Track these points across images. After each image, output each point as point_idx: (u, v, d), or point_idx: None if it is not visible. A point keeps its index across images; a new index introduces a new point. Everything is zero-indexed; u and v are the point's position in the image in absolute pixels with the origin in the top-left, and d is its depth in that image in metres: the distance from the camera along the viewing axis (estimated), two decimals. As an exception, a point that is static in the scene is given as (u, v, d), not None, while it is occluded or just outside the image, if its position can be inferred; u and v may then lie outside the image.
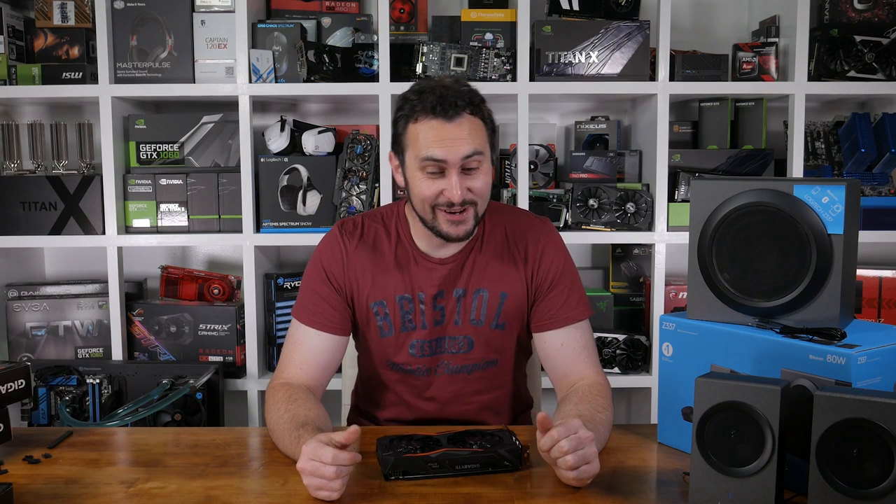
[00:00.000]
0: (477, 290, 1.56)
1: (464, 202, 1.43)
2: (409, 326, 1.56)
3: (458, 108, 1.41)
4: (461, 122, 1.42)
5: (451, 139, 1.41)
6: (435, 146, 1.41)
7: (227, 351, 2.48)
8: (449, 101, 1.41)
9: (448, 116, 1.41)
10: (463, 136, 1.41)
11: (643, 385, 2.46)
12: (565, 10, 2.42)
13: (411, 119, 1.44)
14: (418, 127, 1.43)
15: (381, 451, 1.31)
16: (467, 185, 1.43)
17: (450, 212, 1.44)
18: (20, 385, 1.42)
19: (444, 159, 1.41)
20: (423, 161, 1.42)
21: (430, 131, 1.41)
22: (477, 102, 1.45)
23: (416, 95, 1.44)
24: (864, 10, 2.44)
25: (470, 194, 1.44)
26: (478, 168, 1.44)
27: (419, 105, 1.42)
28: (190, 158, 2.49)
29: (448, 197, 1.42)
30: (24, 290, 2.54)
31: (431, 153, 1.41)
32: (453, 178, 1.42)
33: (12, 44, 2.46)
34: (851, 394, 1.02)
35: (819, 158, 2.54)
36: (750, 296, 1.32)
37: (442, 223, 1.46)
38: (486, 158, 1.46)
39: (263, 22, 2.44)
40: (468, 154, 1.41)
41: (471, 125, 1.43)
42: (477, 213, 1.47)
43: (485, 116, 1.47)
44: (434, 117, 1.41)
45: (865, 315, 2.49)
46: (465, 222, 1.46)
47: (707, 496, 1.14)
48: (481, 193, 1.46)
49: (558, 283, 1.56)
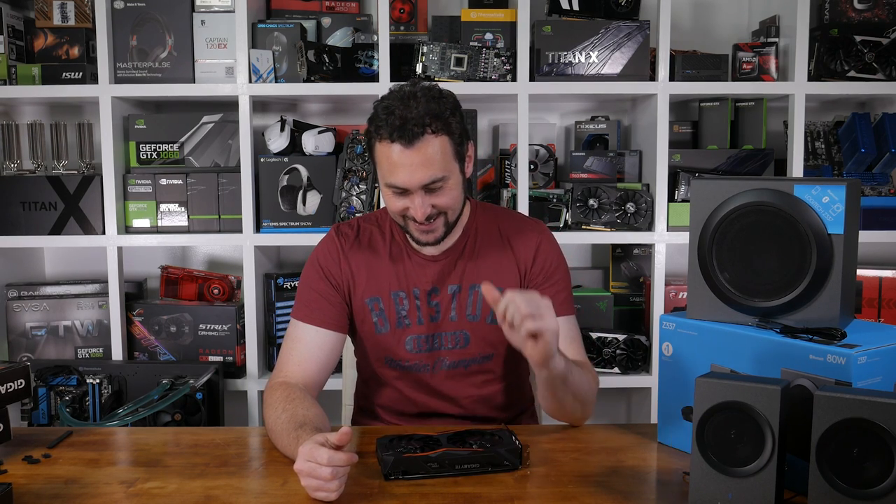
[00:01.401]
0: (472, 286, 1.58)
1: (429, 217, 1.46)
2: (404, 323, 1.58)
3: (417, 134, 1.40)
4: (421, 147, 1.41)
5: (410, 166, 1.42)
6: (396, 173, 1.43)
7: (227, 351, 2.48)
8: (408, 127, 1.40)
9: (407, 141, 1.40)
10: (423, 161, 1.42)
11: (643, 385, 2.46)
12: (565, 10, 2.42)
13: (375, 138, 1.45)
14: (380, 149, 1.45)
15: (381, 450, 1.31)
16: (431, 202, 1.45)
17: (418, 224, 1.48)
18: (20, 385, 1.42)
19: (403, 187, 1.44)
20: (385, 185, 1.47)
21: (390, 156, 1.43)
22: (445, 117, 1.43)
23: (382, 113, 1.43)
24: (864, 10, 2.44)
25: (434, 209, 1.46)
26: (441, 188, 1.45)
27: (383, 127, 1.42)
28: (190, 158, 2.49)
29: (412, 214, 1.46)
30: (24, 290, 2.54)
31: (392, 180, 1.44)
32: (416, 200, 1.45)
33: (12, 44, 2.46)
34: (851, 394, 1.02)
35: (819, 158, 2.54)
36: (750, 296, 1.32)
37: (413, 231, 1.51)
38: (452, 175, 1.46)
39: (263, 22, 2.44)
40: (426, 182, 1.43)
41: (432, 148, 1.42)
42: (448, 220, 1.50)
43: (452, 130, 1.45)
44: (392, 142, 1.41)
45: (865, 315, 2.48)
46: (435, 231, 1.50)
47: (707, 496, 1.13)
48: (447, 205, 1.48)
49: (551, 277, 1.60)
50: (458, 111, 1.48)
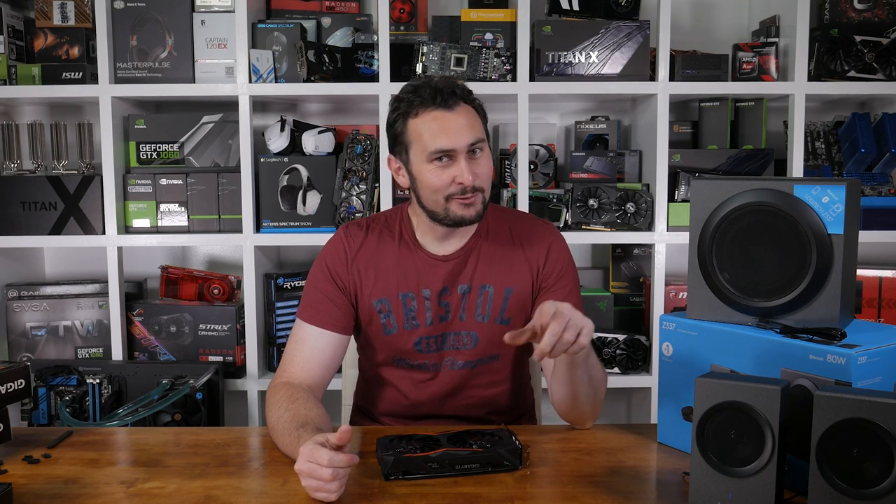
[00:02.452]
0: (482, 286, 1.58)
1: (473, 188, 1.48)
2: (412, 324, 1.57)
3: (456, 98, 1.47)
4: (460, 111, 1.47)
5: (455, 128, 1.46)
6: (441, 136, 1.45)
7: (227, 351, 2.48)
8: (446, 92, 1.46)
9: (448, 106, 1.46)
10: (465, 123, 1.47)
11: (643, 385, 2.46)
12: (565, 10, 2.42)
13: (410, 115, 1.48)
14: (419, 121, 1.47)
15: (381, 451, 1.31)
16: (474, 171, 1.48)
17: (462, 197, 1.48)
18: (20, 385, 1.42)
19: (452, 148, 1.46)
20: (431, 153, 1.47)
21: (433, 122, 1.46)
22: (468, 94, 1.51)
23: (410, 93, 1.49)
24: (864, 10, 2.44)
25: (478, 179, 1.49)
26: (481, 154, 1.50)
27: (417, 100, 1.47)
28: (190, 158, 2.49)
29: (460, 182, 1.47)
30: (24, 290, 2.54)
31: (439, 144, 1.46)
32: (462, 164, 1.46)
33: (12, 44, 2.46)
34: (851, 394, 1.02)
35: (819, 158, 2.54)
36: (750, 296, 1.32)
37: (455, 208, 1.50)
38: (487, 144, 1.52)
39: (263, 22, 2.44)
40: (473, 141, 1.47)
41: (468, 113, 1.49)
42: (484, 198, 1.52)
43: (477, 106, 1.53)
44: (435, 108, 1.46)
45: (865, 315, 2.49)
46: (476, 205, 1.50)
47: (707, 496, 1.14)
48: (486, 178, 1.51)
49: (562, 279, 1.60)
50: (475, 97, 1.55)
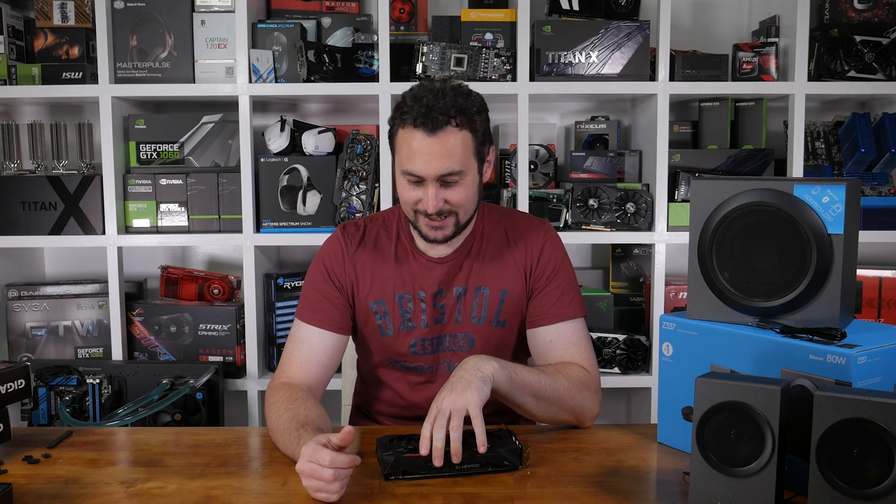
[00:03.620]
0: (478, 288, 1.57)
1: (441, 212, 1.45)
2: (408, 325, 1.57)
3: (441, 123, 1.40)
4: (443, 137, 1.41)
5: (429, 154, 1.41)
6: (412, 161, 1.43)
7: (227, 351, 2.48)
8: (433, 115, 1.40)
9: (430, 129, 1.41)
10: (442, 151, 1.41)
11: (643, 385, 2.46)
12: (565, 10, 2.42)
13: (399, 124, 1.45)
14: (402, 135, 1.45)
15: (381, 450, 1.31)
16: (444, 197, 1.45)
17: (429, 219, 1.47)
18: (20, 385, 1.42)
19: (419, 175, 1.43)
20: (402, 171, 1.46)
21: (411, 143, 1.43)
22: (470, 113, 1.44)
23: (409, 100, 1.44)
24: (864, 10, 2.44)
25: (447, 205, 1.45)
26: (457, 183, 1.45)
27: (408, 113, 1.43)
28: (190, 158, 2.49)
29: (424, 207, 1.45)
30: (24, 290, 2.54)
31: (408, 167, 1.44)
32: (430, 191, 1.44)
33: (12, 44, 2.46)
34: (851, 394, 1.02)
35: (819, 158, 2.54)
36: (750, 296, 1.32)
37: (422, 226, 1.49)
38: (469, 172, 1.46)
39: (263, 22, 2.44)
40: (443, 173, 1.42)
41: (453, 140, 1.42)
42: (458, 220, 1.49)
43: (475, 128, 1.45)
44: (415, 129, 1.42)
45: (865, 315, 2.48)
46: (444, 228, 1.48)
47: (707, 496, 1.14)
48: (459, 204, 1.47)
49: (554, 279, 1.57)
50: (484, 112, 1.48)
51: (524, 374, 1.40)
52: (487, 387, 1.32)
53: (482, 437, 1.26)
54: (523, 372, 1.40)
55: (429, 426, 1.27)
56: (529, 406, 1.43)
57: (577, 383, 1.47)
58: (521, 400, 1.41)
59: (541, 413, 1.46)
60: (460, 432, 1.26)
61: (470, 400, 1.27)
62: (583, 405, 1.48)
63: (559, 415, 1.48)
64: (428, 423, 1.27)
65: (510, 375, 1.37)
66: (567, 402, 1.46)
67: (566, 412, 1.47)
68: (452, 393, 1.29)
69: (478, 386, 1.30)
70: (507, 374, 1.37)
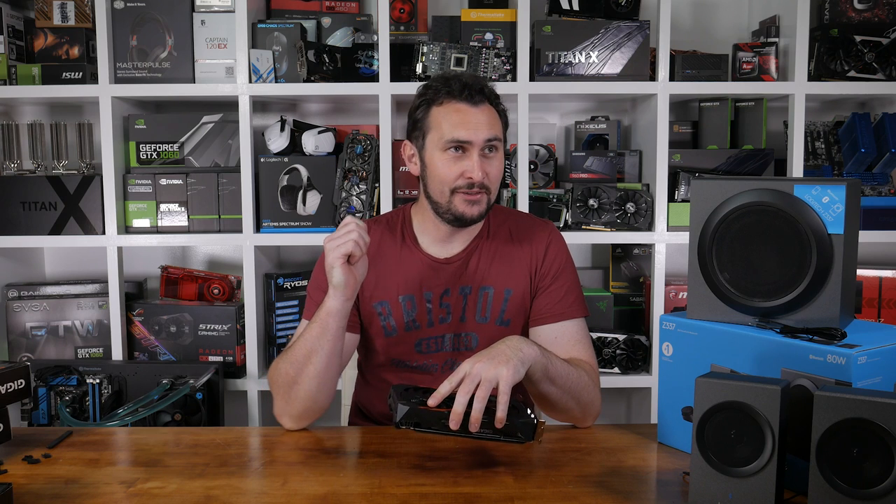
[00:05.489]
0: (482, 288, 1.58)
1: (481, 185, 1.49)
2: (413, 326, 1.57)
3: (483, 96, 1.51)
4: (483, 109, 1.51)
5: (476, 122, 1.49)
6: (460, 128, 1.48)
7: (227, 351, 2.48)
8: (475, 88, 1.50)
9: (473, 101, 1.49)
10: (486, 120, 1.50)
11: (643, 385, 2.46)
12: (565, 10, 2.42)
13: (435, 103, 1.51)
14: (442, 109, 1.50)
15: (396, 398, 1.26)
16: (485, 169, 1.50)
17: (467, 193, 1.49)
18: (20, 385, 1.42)
19: (468, 140, 1.48)
20: (447, 142, 1.49)
21: (455, 114, 1.49)
22: (495, 97, 1.56)
23: (439, 82, 1.52)
24: (864, 10, 2.44)
25: (486, 178, 1.50)
26: (495, 153, 1.52)
27: (444, 89, 1.50)
28: (190, 158, 2.49)
29: (469, 176, 1.48)
30: (24, 290, 2.54)
31: (456, 134, 1.48)
32: (475, 158, 1.49)
33: (12, 44, 2.46)
34: (851, 394, 1.02)
35: (819, 158, 2.54)
36: (750, 296, 1.32)
37: (458, 204, 1.51)
38: (501, 148, 1.53)
39: (263, 22, 2.44)
40: (489, 138, 1.49)
41: (490, 113, 1.52)
42: (489, 199, 1.53)
43: (501, 110, 1.57)
44: (460, 101, 1.49)
45: (865, 315, 2.49)
46: (480, 203, 1.52)
47: (707, 496, 1.13)
48: (495, 180, 1.52)
49: (559, 278, 1.59)
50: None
51: (558, 364, 1.41)
52: (523, 369, 1.30)
53: (503, 413, 1.23)
54: (557, 362, 1.40)
55: (449, 385, 1.25)
56: (551, 395, 1.42)
57: (590, 379, 1.50)
58: (546, 389, 1.40)
59: (558, 404, 1.45)
60: (484, 403, 1.23)
61: (503, 375, 1.25)
62: (593, 401, 1.50)
63: (573, 409, 1.47)
64: (449, 382, 1.25)
65: (546, 365, 1.37)
66: (584, 397, 1.47)
67: (579, 406, 1.47)
68: (490, 362, 1.26)
69: (515, 365, 1.27)
70: (544, 363, 1.36)
